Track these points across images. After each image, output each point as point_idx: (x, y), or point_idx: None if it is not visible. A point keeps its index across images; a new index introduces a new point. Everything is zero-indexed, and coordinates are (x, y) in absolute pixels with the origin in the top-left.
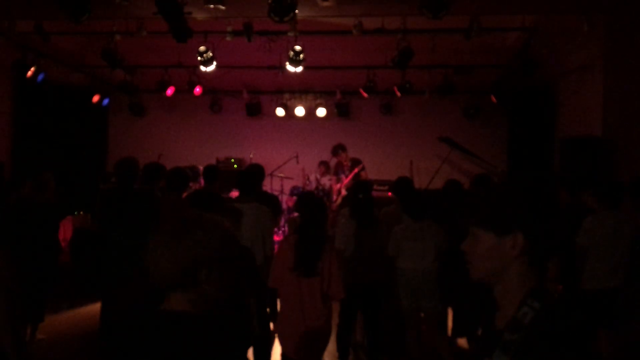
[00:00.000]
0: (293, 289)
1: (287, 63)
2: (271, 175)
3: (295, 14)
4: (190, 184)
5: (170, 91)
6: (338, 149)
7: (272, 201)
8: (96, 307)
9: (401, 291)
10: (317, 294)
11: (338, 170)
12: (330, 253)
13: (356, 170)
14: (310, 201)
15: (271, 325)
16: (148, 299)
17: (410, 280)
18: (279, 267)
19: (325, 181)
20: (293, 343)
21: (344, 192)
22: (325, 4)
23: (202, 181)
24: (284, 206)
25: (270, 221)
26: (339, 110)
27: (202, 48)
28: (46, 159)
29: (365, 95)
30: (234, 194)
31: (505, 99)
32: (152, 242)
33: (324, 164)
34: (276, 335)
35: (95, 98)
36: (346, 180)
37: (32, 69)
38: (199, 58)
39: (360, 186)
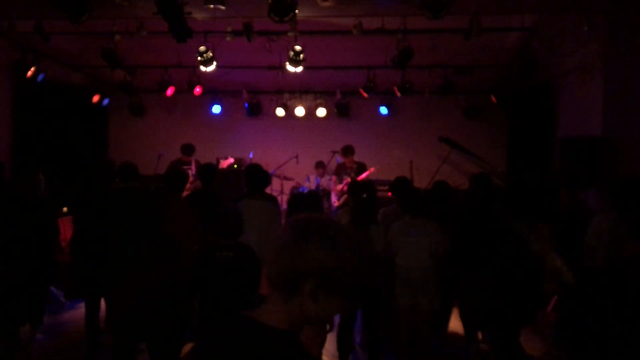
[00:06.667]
0: None
1: (287, 63)
2: (271, 175)
3: (295, 14)
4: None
5: (170, 91)
6: (348, 151)
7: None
8: None
9: (399, 288)
10: None
11: (340, 172)
12: None
13: (372, 169)
14: (296, 199)
15: None
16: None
17: (409, 277)
18: None
19: (325, 182)
20: None
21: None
22: (325, 4)
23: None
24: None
25: (276, 219)
26: (339, 110)
27: (202, 48)
28: (46, 159)
29: (365, 95)
30: None
31: (505, 99)
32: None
33: (322, 165)
34: None
35: (95, 98)
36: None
37: (32, 69)
38: (199, 58)
39: (364, 185)
